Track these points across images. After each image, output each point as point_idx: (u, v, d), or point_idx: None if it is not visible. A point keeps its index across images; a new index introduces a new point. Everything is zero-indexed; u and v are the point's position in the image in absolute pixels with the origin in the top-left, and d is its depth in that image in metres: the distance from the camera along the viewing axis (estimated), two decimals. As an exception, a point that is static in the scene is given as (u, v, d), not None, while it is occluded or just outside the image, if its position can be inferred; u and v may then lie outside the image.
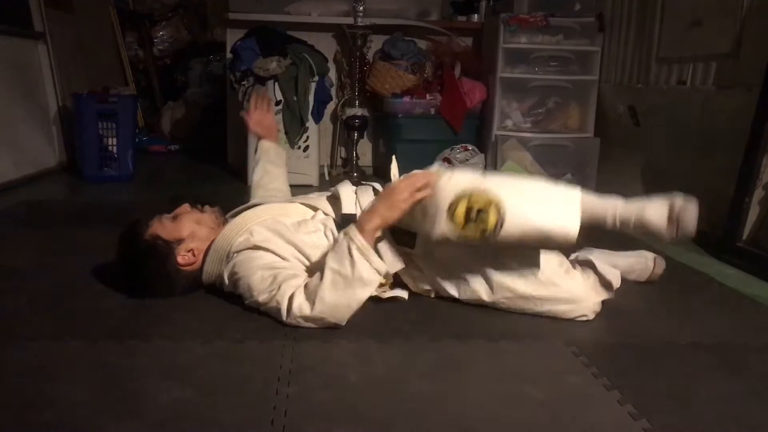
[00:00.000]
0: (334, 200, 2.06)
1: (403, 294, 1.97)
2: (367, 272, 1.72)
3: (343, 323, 1.75)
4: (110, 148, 3.91)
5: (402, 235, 1.86)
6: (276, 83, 3.82)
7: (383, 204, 1.77)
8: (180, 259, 1.91)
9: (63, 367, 1.51)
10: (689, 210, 1.74)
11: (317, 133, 4.07)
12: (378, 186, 2.05)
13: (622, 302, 2.06)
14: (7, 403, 1.35)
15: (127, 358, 1.57)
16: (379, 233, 1.78)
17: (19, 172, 3.59)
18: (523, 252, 1.84)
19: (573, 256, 2.13)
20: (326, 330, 1.75)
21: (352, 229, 1.75)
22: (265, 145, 2.43)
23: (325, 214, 2.04)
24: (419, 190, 1.73)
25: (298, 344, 1.66)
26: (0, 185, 3.35)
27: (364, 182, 2.12)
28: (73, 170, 4.02)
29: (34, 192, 3.47)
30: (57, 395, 1.38)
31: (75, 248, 2.42)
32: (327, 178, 4.25)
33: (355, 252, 1.71)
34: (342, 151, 4.59)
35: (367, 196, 2.01)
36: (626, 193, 1.86)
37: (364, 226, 1.74)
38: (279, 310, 1.74)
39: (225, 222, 2.01)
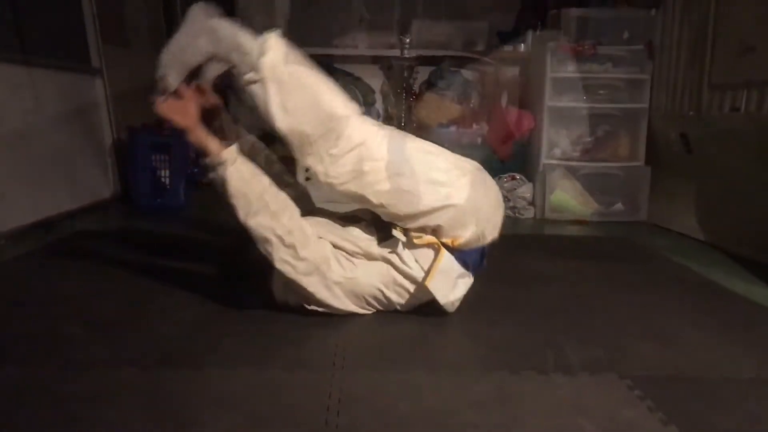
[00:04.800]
0: None
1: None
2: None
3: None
4: (163, 179, 4.00)
5: None
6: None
7: None
8: None
9: (117, 394, 1.54)
10: None
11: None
12: None
13: (677, 334, 2.01)
14: (62, 430, 1.38)
15: (180, 385, 1.59)
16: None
17: (75, 202, 3.69)
18: None
19: None
20: (375, 360, 1.75)
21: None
22: None
23: None
24: None
25: (347, 374, 1.66)
26: (57, 215, 3.45)
27: None
28: (127, 201, 4.12)
29: (90, 222, 3.56)
30: (111, 422, 1.40)
31: (129, 276, 2.47)
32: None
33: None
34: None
35: None
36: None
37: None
38: None
39: None
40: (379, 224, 2.04)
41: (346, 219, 2.15)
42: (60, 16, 3.70)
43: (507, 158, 4.20)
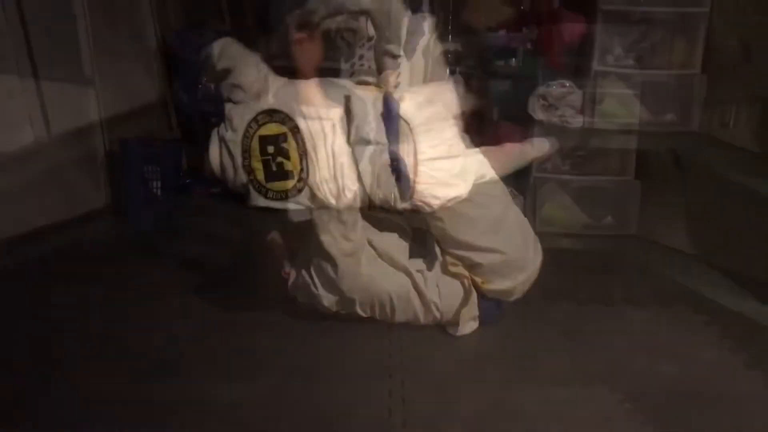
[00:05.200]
0: None
1: None
2: None
3: None
4: (155, 190, 3.99)
5: None
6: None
7: None
8: None
9: (108, 405, 1.54)
10: None
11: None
12: None
13: (669, 348, 2.02)
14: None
15: (172, 395, 1.59)
16: None
17: (68, 213, 3.68)
18: None
19: None
20: (369, 370, 1.76)
21: None
22: None
23: None
24: None
25: (341, 383, 1.67)
26: (50, 225, 3.44)
27: None
28: (119, 211, 4.11)
29: (82, 232, 3.55)
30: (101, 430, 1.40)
31: (121, 286, 2.47)
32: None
33: None
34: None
35: None
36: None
37: None
38: None
39: None
40: (415, 236, 2.07)
41: (383, 225, 2.16)
42: (53, 26, 3.70)
43: (558, 67, 4.03)
